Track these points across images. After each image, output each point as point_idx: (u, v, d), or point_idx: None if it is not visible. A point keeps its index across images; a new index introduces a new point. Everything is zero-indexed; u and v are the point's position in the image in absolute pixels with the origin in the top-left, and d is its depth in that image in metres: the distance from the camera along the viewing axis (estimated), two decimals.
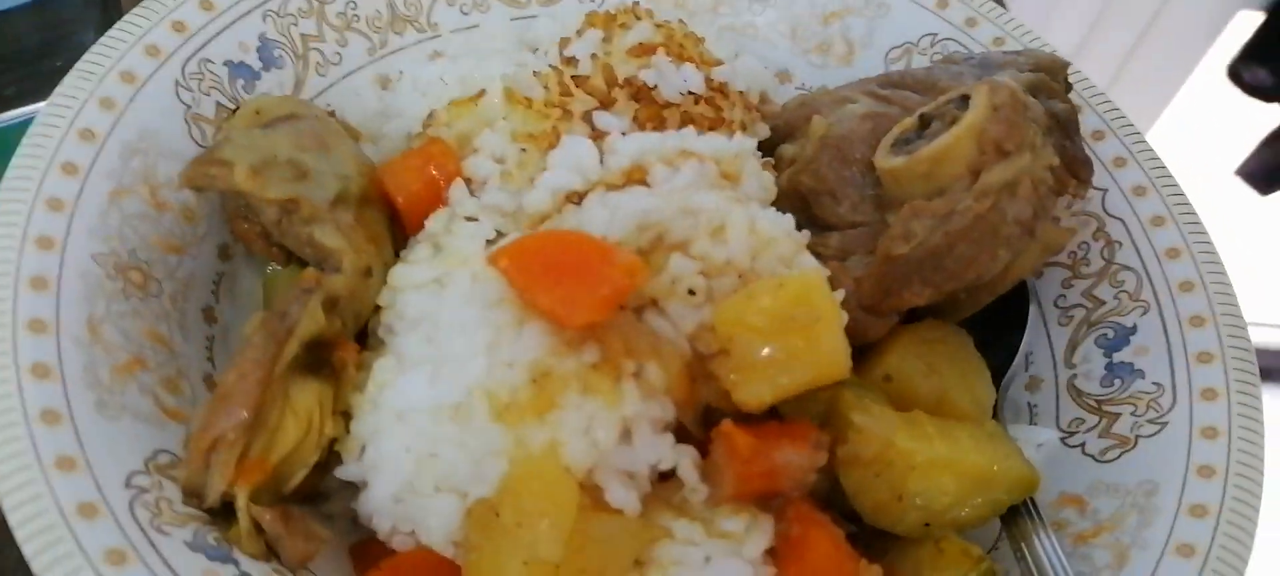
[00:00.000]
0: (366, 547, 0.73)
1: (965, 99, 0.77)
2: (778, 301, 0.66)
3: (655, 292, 0.68)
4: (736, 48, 0.99)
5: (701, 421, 0.70)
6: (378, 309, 0.76)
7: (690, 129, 0.78)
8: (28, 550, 0.56)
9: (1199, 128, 3.40)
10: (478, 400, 0.64)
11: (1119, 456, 0.77)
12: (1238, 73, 3.17)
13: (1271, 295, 3.66)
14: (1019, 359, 0.87)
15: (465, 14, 1.00)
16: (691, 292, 0.68)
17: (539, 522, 0.61)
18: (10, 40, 1.00)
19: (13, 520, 0.57)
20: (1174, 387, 0.78)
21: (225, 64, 0.85)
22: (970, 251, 0.73)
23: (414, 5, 0.98)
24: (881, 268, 0.76)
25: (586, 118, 0.80)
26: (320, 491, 0.74)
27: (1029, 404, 0.86)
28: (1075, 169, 0.77)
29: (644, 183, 0.74)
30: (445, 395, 0.66)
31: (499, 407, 0.63)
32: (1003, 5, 1.10)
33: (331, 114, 0.85)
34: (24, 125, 0.74)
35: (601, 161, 0.75)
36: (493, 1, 1.01)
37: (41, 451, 0.59)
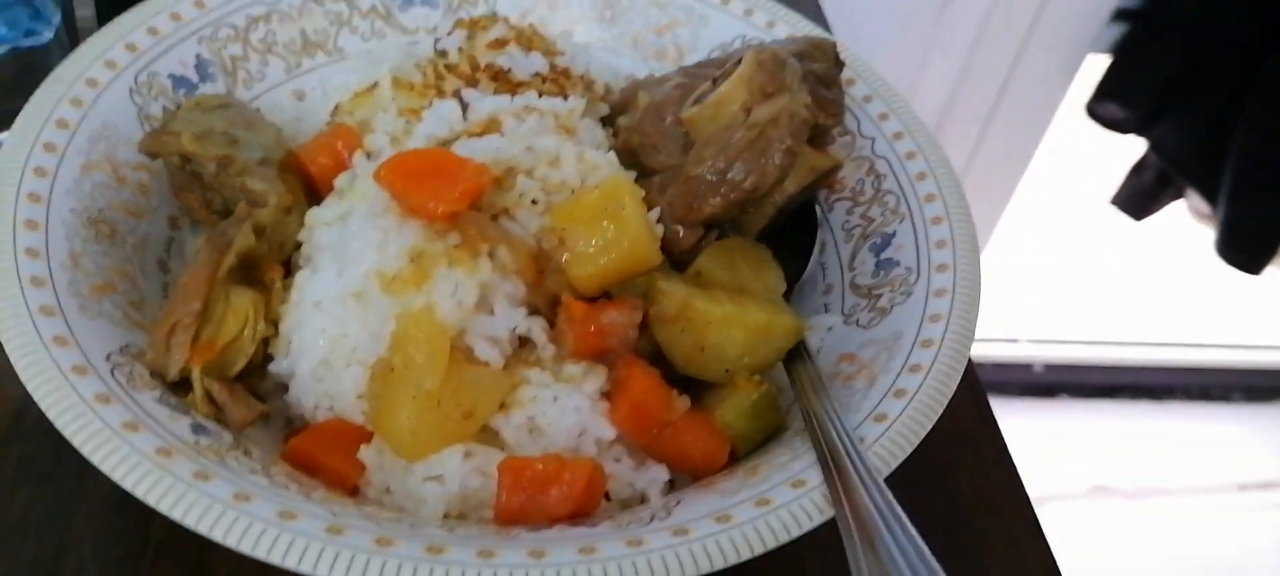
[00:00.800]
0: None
1: (739, 62, 1.02)
2: (594, 199, 0.89)
3: (506, 204, 0.91)
4: (588, 59, 1.24)
5: (551, 306, 0.93)
6: (298, 246, 0.98)
7: (534, 93, 1.02)
8: (38, 396, 0.75)
9: (1071, 164, 3.75)
10: (371, 281, 0.85)
11: (879, 321, 1.00)
12: (1094, 110, 3.53)
13: (1148, 311, 3.99)
14: (813, 263, 1.11)
15: (365, 40, 1.24)
16: (534, 202, 0.91)
17: (420, 361, 0.82)
18: None
19: (25, 376, 0.76)
20: (919, 267, 1.02)
21: (169, 76, 1.08)
22: (747, 166, 0.97)
23: (322, 33, 1.22)
24: (685, 186, 0.99)
25: (456, 94, 1.04)
26: (259, 394, 0.94)
27: (825, 304, 1.10)
28: (826, 107, 1.02)
29: (499, 132, 0.97)
30: (349, 284, 0.87)
31: (386, 282, 0.85)
32: (828, 31, 1.36)
33: (257, 110, 1.08)
34: None
35: (465, 118, 0.98)
36: (388, 30, 1.25)
37: (42, 332, 0.79)
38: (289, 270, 0.97)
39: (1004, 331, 3.83)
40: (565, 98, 1.04)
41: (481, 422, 0.85)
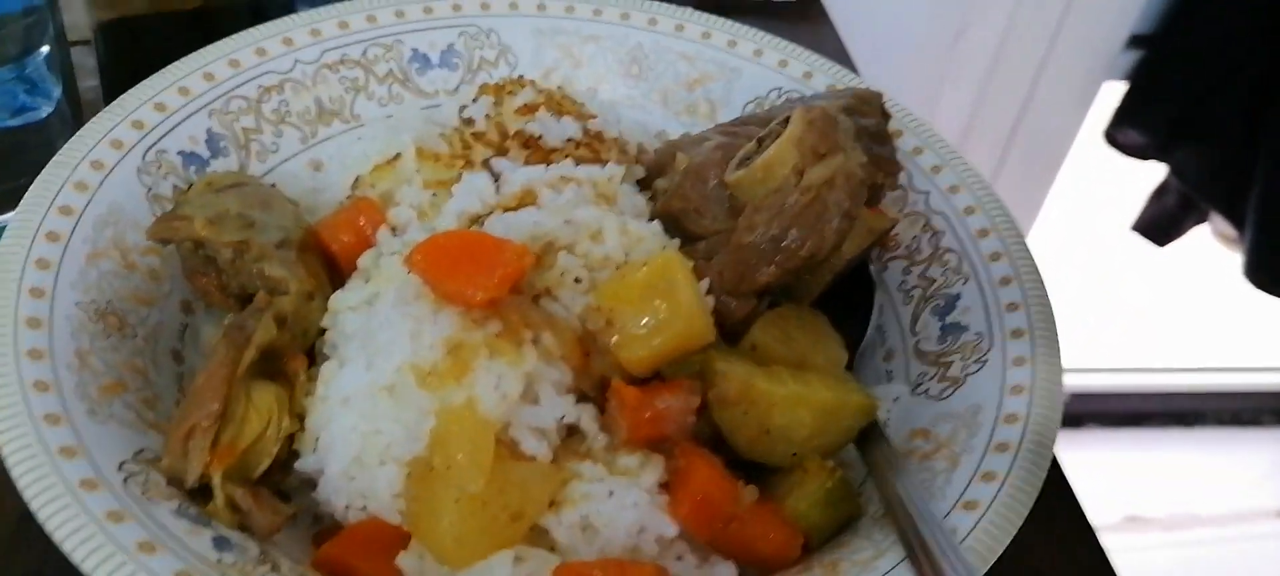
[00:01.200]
0: (327, 534, 0.85)
1: (788, 121, 0.95)
2: (645, 277, 0.82)
3: (547, 284, 0.84)
4: (617, 116, 1.18)
5: (599, 390, 0.85)
6: (322, 332, 0.91)
7: (570, 161, 0.95)
8: (43, 517, 0.68)
9: (1091, 191, 3.69)
10: (406, 375, 0.78)
11: (952, 393, 0.93)
12: (1113, 137, 3.48)
13: (1174, 337, 3.91)
14: (871, 330, 1.04)
15: (382, 105, 1.18)
16: (577, 281, 0.84)
17: (462, 462, 0.75)
18: None
19: (28, 495, 0.69)
20: (991, 333, 0.95)
21: (179, 153, 1.01)
22: (803, 232, 0.90)
23: (338, 101, 1.15)
24: (735, 255, 0.92)
25: (485, 164, 0.97)
26: (283, 492, 0.86)
27: (887, 371, 1.02)
28: (883, 165, 0.96)
29: (534, 204, 0.90)
30: (379, 378, 0.80)
31: (422, 376, 0.77)
32: (856, 72, 1.31)
33: (273, 187, 1.01)
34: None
35: (497, 191, 0.91)
36: (406, 94, 1.19)
37: (47, 443, 0.72)
38: (313, 358, 0.90)
39: None
40: (601, 164, 0.98)
41: (531, 523, 0.78)
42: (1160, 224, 3.68)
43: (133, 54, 1.36)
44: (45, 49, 1.19)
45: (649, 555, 0.80)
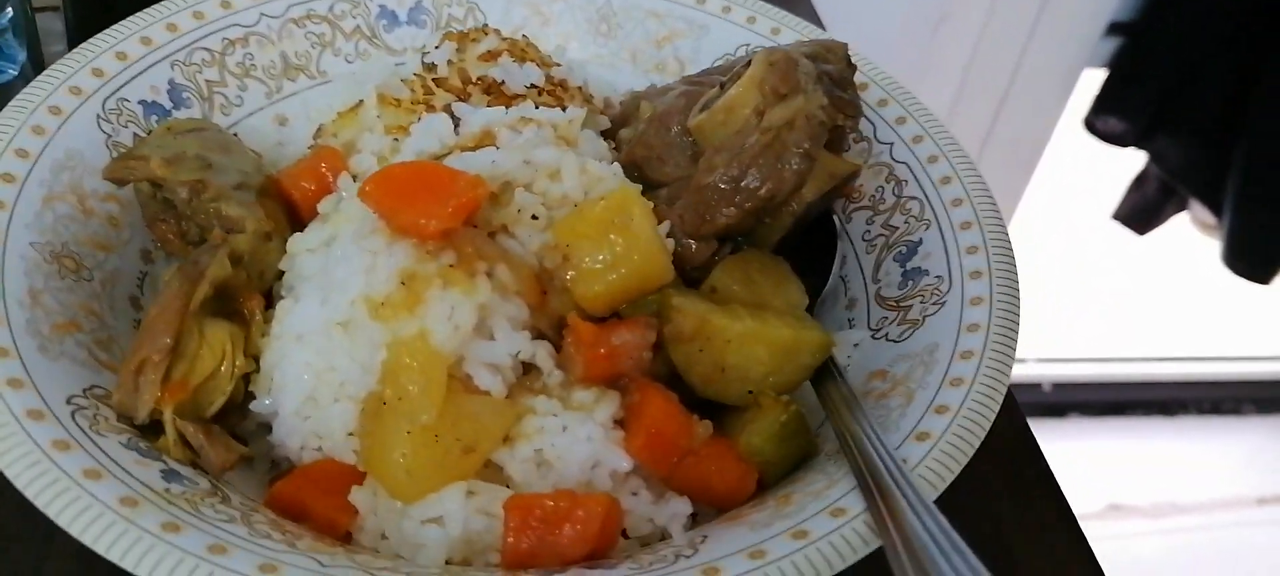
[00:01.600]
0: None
1: (750, 63, 0.96)
2: (599, 211, 0.82)
3: (504, 221, 0.84)
4: (585, 75, 1.18)
5: (557, 330, 0.85)
6: (281, 276, 0.91)
7: (530, 103, 0.95)
8: None
9: (1071, 180, 3.71)
10: (359, 307, 0.78)
11: (911, 334, 0.93)
12: (1092, 124, 3.50)
13: (1155, 326, 3.93)
14: (834, 279, 1.04)
15: (349, 62, 1.17)
16: (534, 217, 0.84)
17: (414, 392, 0.74)
18: None
19: None
20: (950, 276, 0.95)
21: (140, 102, 1.01)
22: (762, 173, 0.90)
23: (304, 56, 1.15)
24: (695, 197, 0.92)
25: (447, 109, 0.97)
26: (240, 436, 0.86)
27: (849, 319, 1.02)
28: (843, 107, 0.96)
29: (494, 146, 0.90)
30: (334, 313, 0.79)
31: (375, 308, 0.77)
32: (821, 27, 1.31)
33: (234, 135, 1.01)
34: None
35: (457, 133, 0.91)
36: (372, 51, 1.19)
37: None
38: (271, 301, 0.89)
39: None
40: (563, 110, 0.98)
41: (484, 458, 0.77)
42: (1141, 212, 3.70)
43: (101, 21, 1.35)
44: (9, 11, 1.19)
45: (603, 489, 0.80)
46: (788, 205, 0.95)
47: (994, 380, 0.83)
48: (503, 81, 0.99)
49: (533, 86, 1.00)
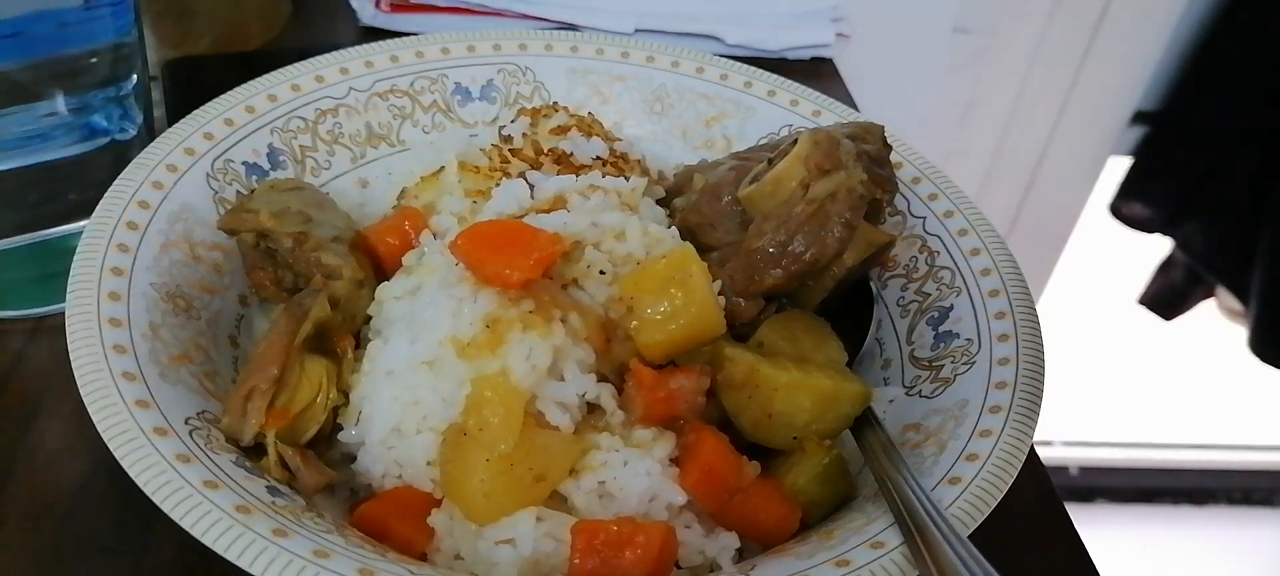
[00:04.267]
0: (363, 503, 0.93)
1: (796, 142, 1.05)
2: (662, 268, 0.91)
3: (575, 275, 0.93)
4: (641, 149, 1.28)
5: (619, 375, 0.94)
6: (368, 320, 1.00)
7: (597, 173, 1.05)
8: (120, 455, 0.76)
9: (1098, 264, 3.76)
10: (446, 348, 0.87)
11: (943, 391, 1.00)
12: (1118, 210, 3.56)
13: (1184, 413, 3.93)
14: (870, 340, 1.12)
15: (426, 132, 1.28)
16: (602, 272, 0.93)
17: (495, 423, 0.83)
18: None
19: (107, 437, 0.78)
20: (980, 338, 1.03)
21: (243, 163, 1.12)
22: (807, 239, 0.99)
23: (386, 126, 1.26)
24: (745, 259, 1.01)
25: (521, 176, 1.07)
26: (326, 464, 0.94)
27: (883, 378, 1.10)
28: (881, 183, 1.05)
29: (565, 209, 0.99)
30: (422, 352, 0.88)
31: (461, 348, 0.86)
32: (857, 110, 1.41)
33: (326, 194, 1.11)
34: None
35: (532, 198, 1.01)
36: (447, 123, 1.30)
37: (125, 395, 0.81)
38: (360, 342, 0.99)
39: (1038, 434, 3.77)
40: (626, 179, 1.07)
41: (553, 487, 0.85)
42: (1167, 297, 3.73)
43: (193, 89, 1.48)
44: (134, 78, 1.32)
45: (658, 520, 0.87)
46: (830, 270, 1.03)
47: (1020, 431, 0.90)
48: (571, 153, 1.09)
49: (598, 158, 1.10)
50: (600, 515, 0.86)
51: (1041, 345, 1.01)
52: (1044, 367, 0.99)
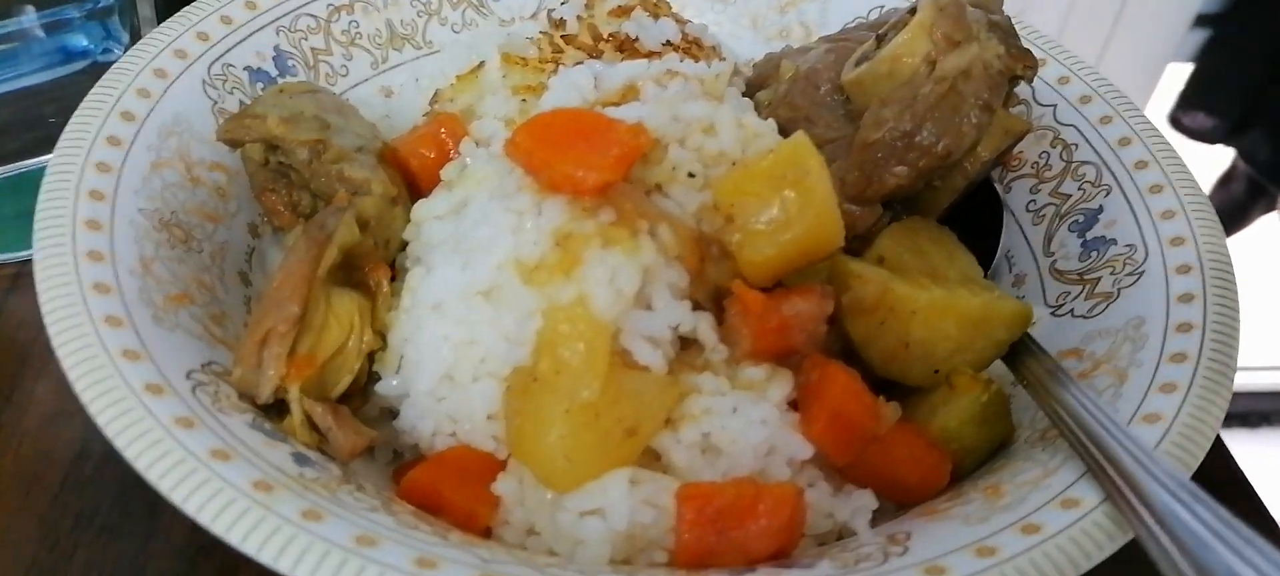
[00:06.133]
0: (408, 471, 0.76)
1: (913, 12, 0.86)
2: (770, 165, 0.72)
3: (659, 179, 0.75)
4: (713, 40, 1.09)
5: (715, 301, 0.76)
6: (404, 246, 0.82)
7: (674, 55, 0.86)
8: (102, 420, 0.60)
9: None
10: (508, 272, 0.69)
11: (1106, 308, 0.83)
12: (1178, 120, 3.36)
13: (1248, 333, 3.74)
14: (1000, 255, 0.94)
15: (456, 32, 1.10)
16: (691, 175, 0.75)
17: (576, 365, 0.65)
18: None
19: (86, 398, 0.61)
20: (1145, 243, 0.85)
21: (245, 69, 0.94)
22: (938, 127, 0.81)
23: (410, 25, 1.07)
24: (860, 155, 0.83)
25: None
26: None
27: (1019, 296, 0.92)
28: (1020, 57, 0.86)
29: (636, 100, 0.81)
30: (477, 279, 0.71)
31: (527, 272, 0.68)
32: None
33: (348, 101, 0.93)
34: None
35: (596, 88, 0.82)
36: (479, 20, 1.11)
37: (108, 345, 0.64)
38: (396, 273, 0.81)
39: None
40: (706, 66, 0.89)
41: (647, 441, 0.68)
42: (1227, 212, 3.54)
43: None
44: None
45: (778, 479, 0.70)
46: (961, 166, 0.85)
47: (1223, 354, 0.73)
48: (637, 38, 0.91)
49: (668, 43, 0.92)
50: (707, 475, 0.69)
51: (1226, 247, 0.83)
52: (1234, 273, 0.80)
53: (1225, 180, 3.48)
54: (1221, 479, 0.92)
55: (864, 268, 0.74)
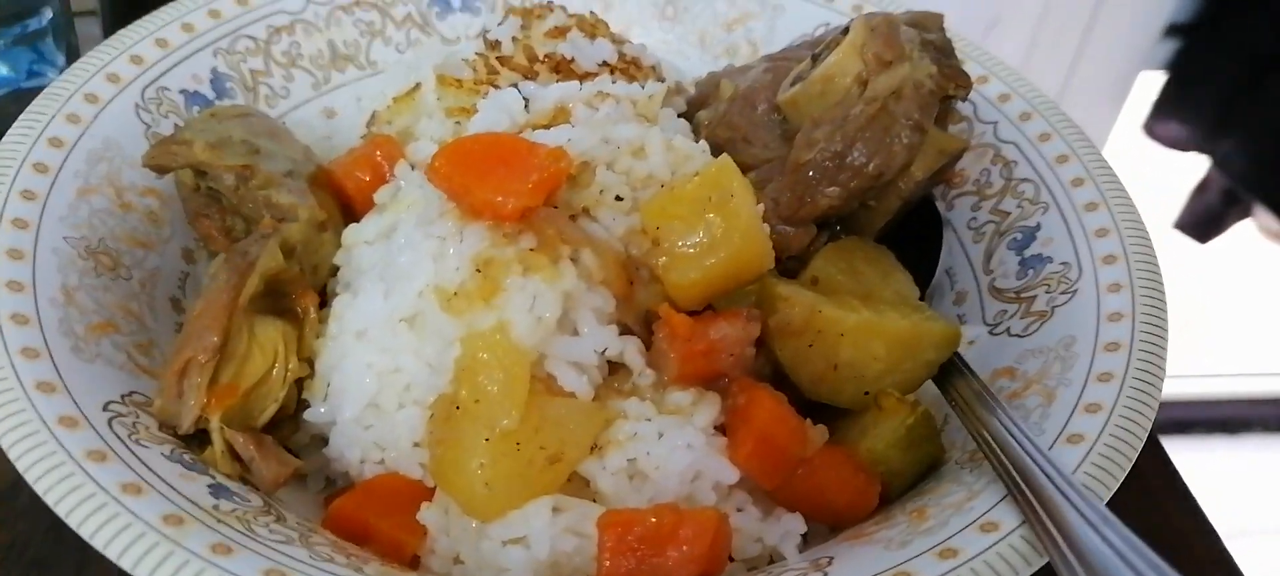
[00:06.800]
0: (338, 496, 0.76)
1: (846, 31, 0.86)
2: (694, 188, 0.72)
3: (586, 203, 0.75)
4: (652, 60, 1.09)
5: (644, 325, 0.75)
6: (334, 272, 0.82)
7: (606, 77, 0.86)
8: (14, 454, 0.60)
9: (1129, 187, 3.56)
10: (428, 299, 0.69)
11: (1039, 327, 0.83)
12: (1152, 129, 3.37)
13: (1218, 340, 3.76)
14: (940, 273, 0.93)
15: (400, 51, 1.09)
16: (619, 198, 0.75)
17: (494, 393, 0.65)
18: None
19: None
20: (1078, 261, 0.85)
21: (181, 92, 0.93)
22: (870, 147, 0.81)
23: (353, 45, 1.07)
24: (793, 177, 0.83)
25: (514, 88, 0.88)
26: (292, 450, 0.77)
27: (958, 314, 0.92)
28: (953, 77, 0.86)
29: (568, 123, 0.81)
30: (399, 306, 0.71)
31: (446, 299, 0.68)
32: None
33: (281, 123, 0.93)
34: None
35: (526, 110, 0.82)
36: (424, 40, 1.11)
37: (22, 377, 0.64)
38: (325, 300, 0.81)
39: None
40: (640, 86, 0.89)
41: (571, 468, 0.68)
42: (1203, 220, 3.57)
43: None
44: (47, 13, 1.12)
45: (705, 504, 0.70)
46: (894, 185, 0.85)
47: (1148, 373, 0.73)
48: (572, 58, 0.91)
49: (604, 63, 0.92)
50: (632, 500, 0.69)
51: (1157, 265, 0.83)
52: (1164, 292, 0.81)
53: (1200, 189, 3.49)
54: (1160, 484, 0.93)
55: (792, 290, 0.74)
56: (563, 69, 0.90)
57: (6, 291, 0.69)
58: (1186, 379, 3.83)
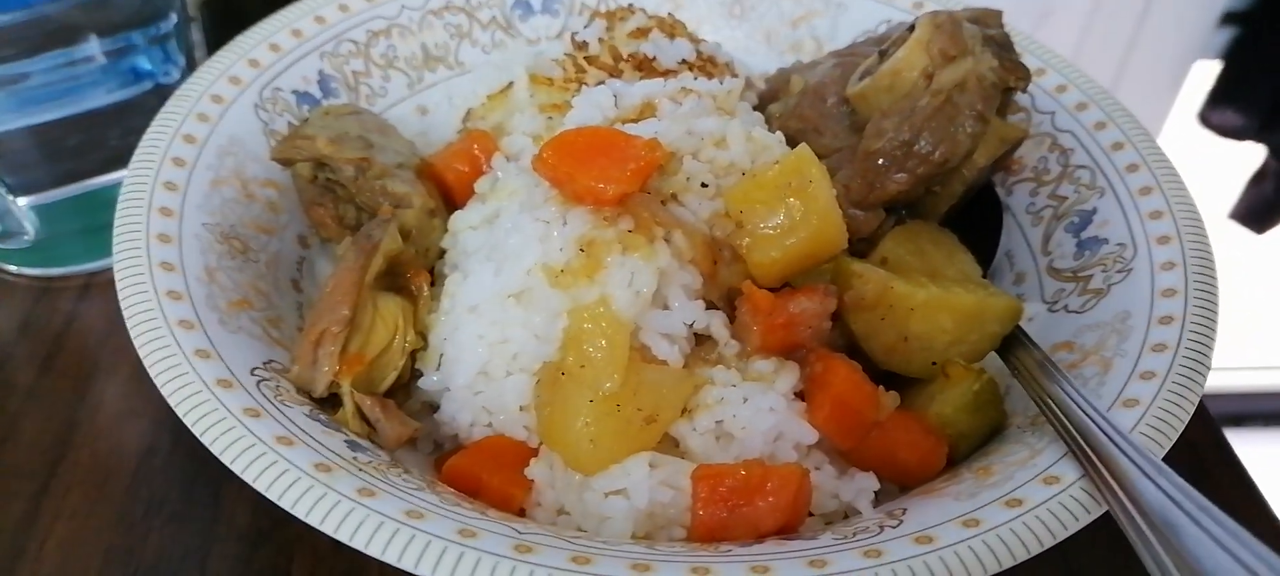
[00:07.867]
0: (448, 458, 0.83)
1: (913, 28, 0.92)
2: (775, 175, 0.79)
3: (674, 189, 0.82)
4: (726, 57, 1.15)
5: (727, 300, 0.82)
6: (442, 255, 0.90)
7: (688, 74, 0.93)
8: (182, 411, 0.68)
9: (1184, 177, 3.54)
10: (536, 276, 0.76)
11: (1096, 303, 0.88)
12: (1208, 118, 3.35)
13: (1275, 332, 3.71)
14: (1001, 255, 0.99)
15: (486, 52, 1.17)
16: (704, 185, 0.82)
17: (598, 359, 0.72)
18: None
19: (167, 391, 0.69)
20: (1134, 242, 0.90)
21: (293, 92, 1.02)
22: (935, 136, 0.87)
23: (443, 47, 1.15)
24: (863, 164, 0.89)
25: (601, 85, 0.95)
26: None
27: (1018, 294, 0.97)
28: (1013, 70, 0.91)
29: (654, 117, 0.88)
30: (508, 283, 0.78)
31: (554, 276, 0.75)
32: None
33: (386, 121, 1.01)
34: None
35: (615, 106, 0.89)
36: (508, 40, 1.18)
37: (183, 345, 0.72)
38: (434, 280, 0.89)
39: None
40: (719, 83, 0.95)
41: (665, 428, 0.75)
42: (1259, 210, 3.53)
43: (234, 28, 1.39)
44: (173, 18, 1.22)
45: (786, 462, 0.76)
46: (959, 171, 0.90)
47: (1199, 343, 0.78)
48: (654, 57, 0.97)
49: (684, 61, 0.98)
50: (720, 458, 0.76)
51: (1209, 244, 0.88)
52: (1215, 269, 0.86)
53: (1257, 178, 3.46)
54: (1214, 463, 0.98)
55: (865, 268, 0.80)
56: (645, 67, 0.97)
57: (161, 270, 0.77)
58: (1242, 371, 3.80)
